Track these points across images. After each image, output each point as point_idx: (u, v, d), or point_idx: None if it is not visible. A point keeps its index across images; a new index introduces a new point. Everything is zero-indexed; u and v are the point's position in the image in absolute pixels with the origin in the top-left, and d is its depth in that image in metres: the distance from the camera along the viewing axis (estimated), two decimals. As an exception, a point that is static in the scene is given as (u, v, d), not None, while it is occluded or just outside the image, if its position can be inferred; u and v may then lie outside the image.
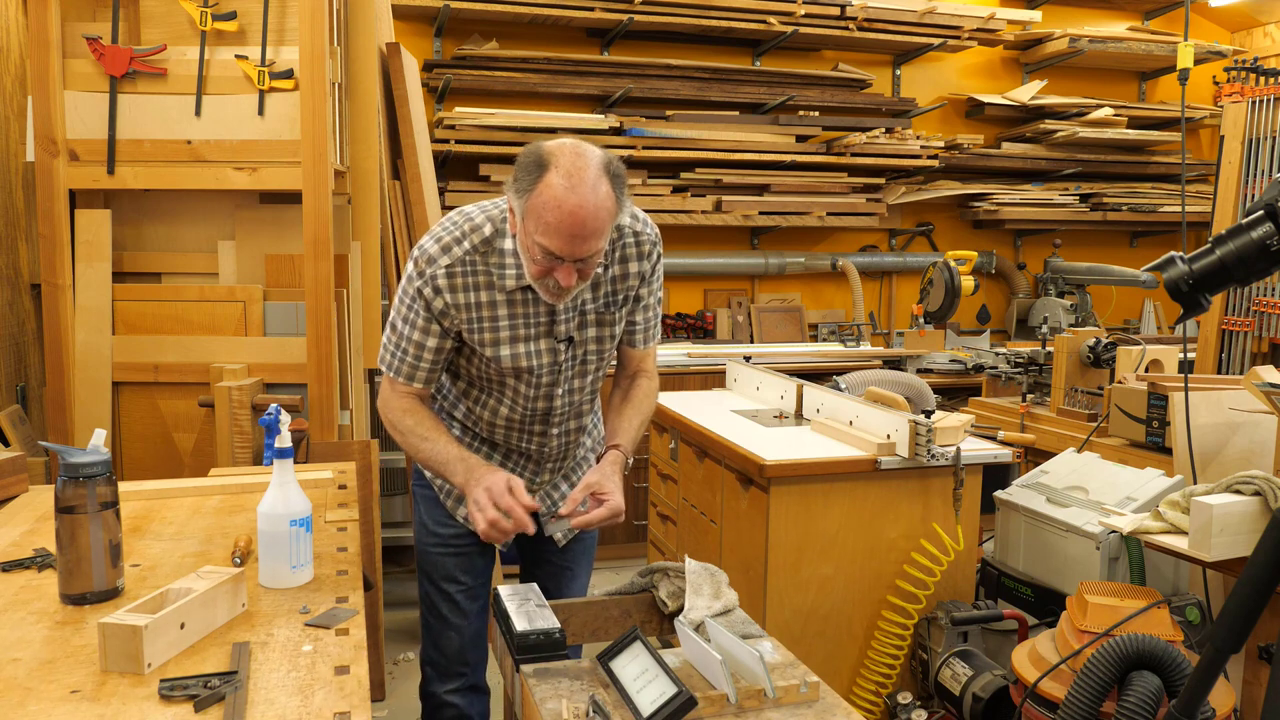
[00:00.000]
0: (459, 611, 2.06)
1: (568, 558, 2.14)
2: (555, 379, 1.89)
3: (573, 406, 1.97)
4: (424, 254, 1.78)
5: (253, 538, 1.71)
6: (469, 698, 2.10)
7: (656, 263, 1.92)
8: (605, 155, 1.68)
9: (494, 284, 1.78)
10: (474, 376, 1.91)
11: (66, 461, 1.46)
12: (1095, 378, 3.12)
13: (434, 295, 1.77)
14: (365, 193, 3.33)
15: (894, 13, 4.99)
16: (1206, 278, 1.59)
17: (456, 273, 1.77)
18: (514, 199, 1.67)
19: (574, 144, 1.66)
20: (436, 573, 2.06)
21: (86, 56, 2.87)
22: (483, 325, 1.81)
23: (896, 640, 2.48)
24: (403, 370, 1.85)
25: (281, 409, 2.03)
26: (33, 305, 3.32)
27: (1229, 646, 1.45)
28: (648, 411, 2.01)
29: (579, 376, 1.93)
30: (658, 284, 1.96)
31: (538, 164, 1.63)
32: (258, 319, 3.01)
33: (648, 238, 1.89)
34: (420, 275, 1.77)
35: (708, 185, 4.96)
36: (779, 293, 5.40)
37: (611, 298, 1.88)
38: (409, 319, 1.81)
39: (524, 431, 1.96)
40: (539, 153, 1.64)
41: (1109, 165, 5.55)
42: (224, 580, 1.43)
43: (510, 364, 1.83)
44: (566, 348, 1.87)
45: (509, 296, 1.79)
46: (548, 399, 1.91)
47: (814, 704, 1.37)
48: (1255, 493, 1.86)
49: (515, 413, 1.92)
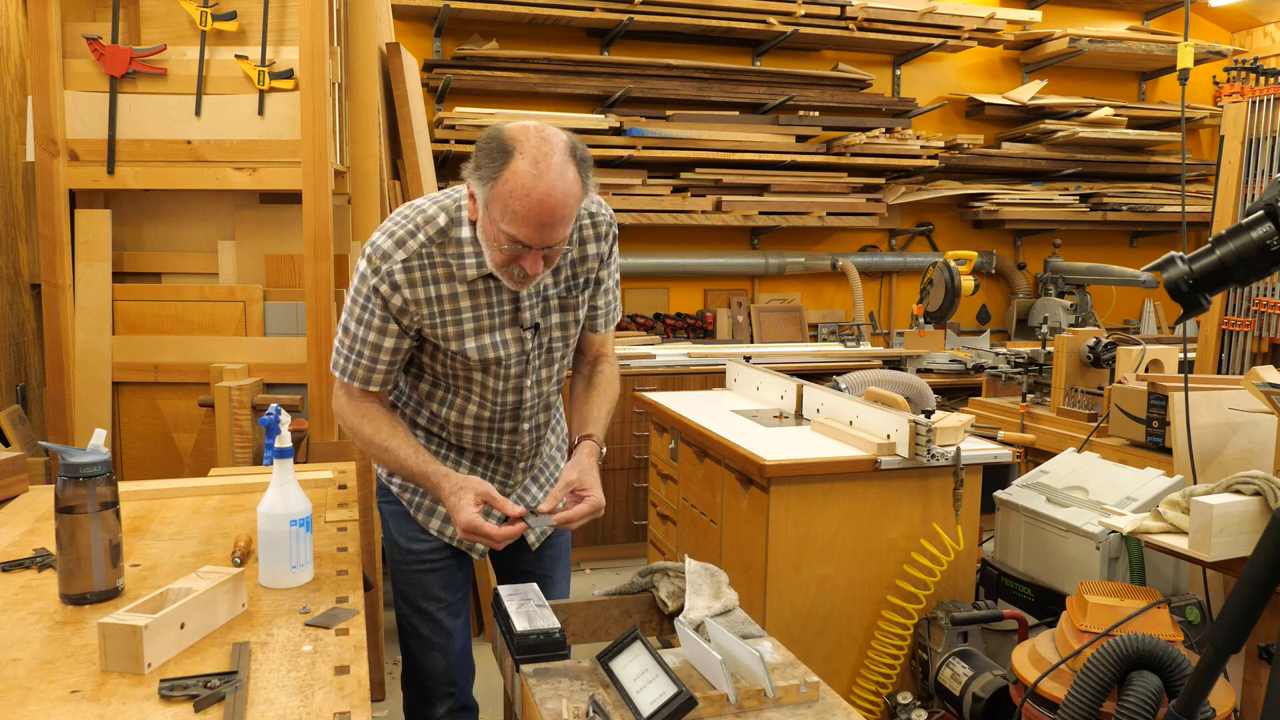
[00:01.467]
0: (441, 630, 1.96)
1: (543, 564, 2.04)
2: (524, 369, 1.83)
3: (541, 398, 1.90)
4: (377, 250, 1.69)
5: (253, 538, 1.71)
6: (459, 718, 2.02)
7: (613, 244, 1.89)
8: (570, 139, 1.61)
9: (454, 275, 1.71)
10: (439, 375, 1.83)
11: (66, 461, 1.46)
12: (1095, 378, 3.12)
13: (391, 292, 1.69)
14: (365, 193, 3.33)
15: (894, 13, 4.99)
16: (1206, 278, 1.59)
17: (414, 266, 1.69)
18: (476, 186, 1.60)
19: (538, 128, 1.59)
20: (414, 591, 1.95)
21: (86, 56, 2.88)
22: (445, 319, 1.73)
23: (896, 640, 2.48)
24: (358, 374, 1.77)
25: (281, 409, 2.03)
26: (33, 305, 3.32)
27: (1229, 646, 1.45)
28: (613, 396, 1.97)
29: (546, 366, 1.87)
30: (615, 266, 1.93)
31: (501, 149, 1.56)
32: (258, 319, 3.01)
33: (604, 219, 1.85)
34: (375, 272, 1.69)
35: (708, 185, 4.96)
36: (779, 293, 5.40)
37: (572, 281, 1.84)
38: (363, 319, 1.73)
39: (494, 430, 1.89)
40: (501, 137, 1.57)
41: (1109, 165, 5.55)
42: (224, 580, 1.43)
43: (477, 356, 1.76)
44: (533, 336, 1.81)
45: (470, 287, 1.73)
46: (518, 391, 1.84)
47: (814, 704, 1.37)
48: (1255, 493, 1.86)
49: (485, 410, 1.85)
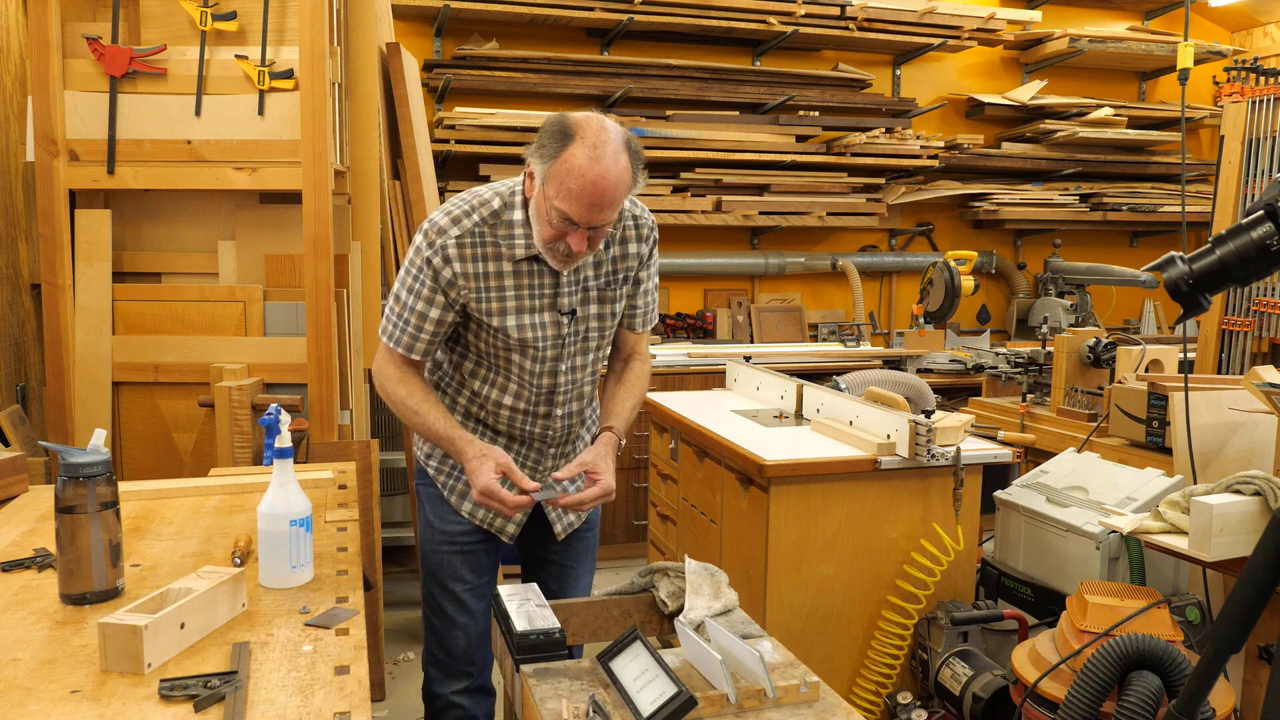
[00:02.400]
0: (465, 610, 2.06)
1: (569, 556, 2.14)
2: (559, 353, 1.94)
3: (575, 385, 2.01)
4: (434, 226, 1.85)
5: (253, 538, 1.71)
6: (475, 699, 2.10)
7: (653, 247, 2.03)
8: (625, 131, 1.78)
9: (501, 254, 1.86)
10: (482, 354, 1.95)
11: (66, 461, 1.46)
12: (1095, 378, 3.12)
13: (443, 265, 1.83)
14: (365, 193, 3.33)
15: (894, 13, 4.99)
16: (1206, 278, 1.59)
17: (466, 243, 1.84)
18: (536, 164, 1.76)
19: (599, 117, 1.76)
20: (443, 571, 2.06)
21: (86, 56, 2.87)
22: (490, 295, 1.86)
23: (896, 640, 2.48)
24: (402, 341, 1.90)
25: (281, 409, 2.03)
26: (33, 305, 3.32)
27: (1229, 646, 1.45)
28: (641, 394, 2.09)
29: (581, 354, 1.99)
30: (655, 269, 2.07)
31: (564, 133, 1.72)
32: (258, 319, 3.01)
33: (646, 223, 2.01)
34: (430, 245, 1.83)
35: (708, 185, 4.96)
36: (779, 293, 5.40)
37: (612, 276, 1.97)
38: (414, 289, 1.86)
39: (529, 414, 1.99)
40: (565, 122, 1.74)
41: (1109, 165, 5.55)
42: (224, 580, 1.43)
43: (516, 335, 1.89)
44: (569, 321, 1.93)
45: (515, 267, 1.86)
46: (552, 375, 1.95)
47: (814, 704, 1.37)
48: (1255, 493, 1.86)
49: (522, 393, 1.96)
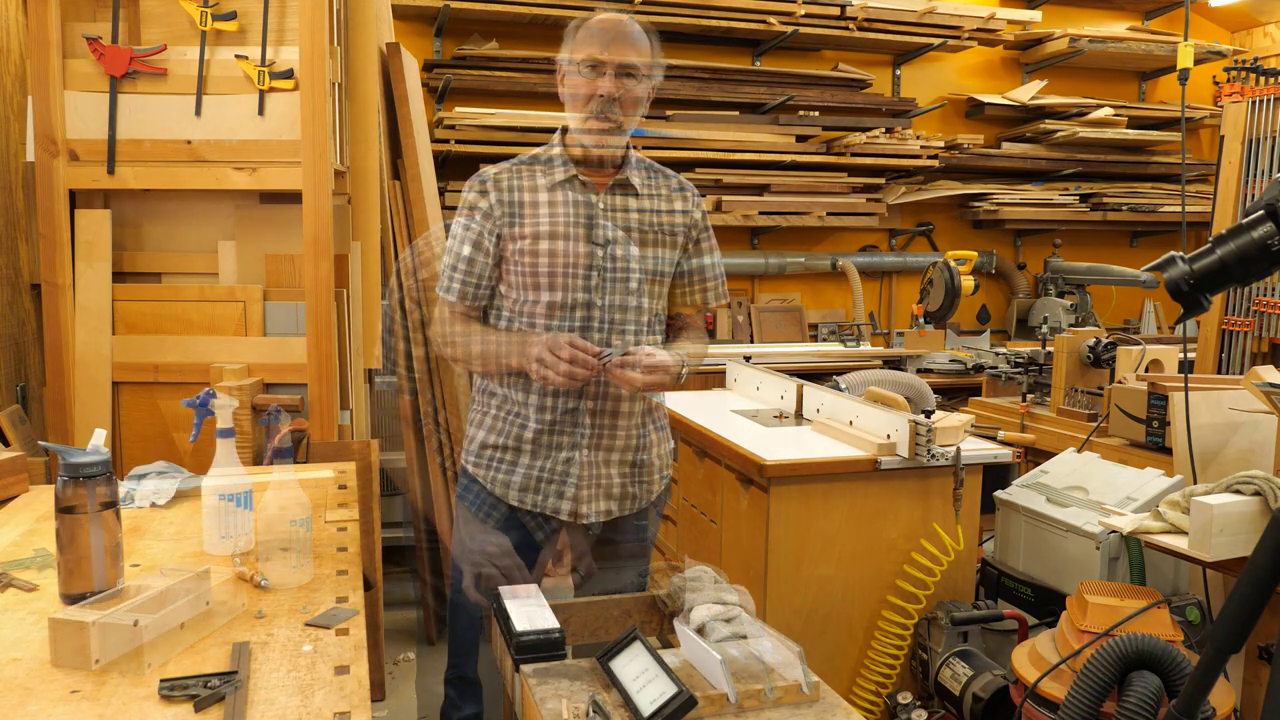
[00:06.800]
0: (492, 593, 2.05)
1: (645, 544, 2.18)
2: (590, 286, 1.96)
3: (612, 326, 1.98)
4: (480, 173, 2.03)
5: (253, 538, 1.71)
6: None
7: (704, 217, 2.11)
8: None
9: (539, 185, 1.99)
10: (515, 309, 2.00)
11: (66, 461, 1.46)
12: (1095, 378, 3.12)
13: (481, 194, 1.99)
14: (365, 193, 3.32)
15: (894, 13, 4.99)
16: (1206, 278, 1.59)
17: (504, 176, 2.00)
18: (562, 55, 1.96)
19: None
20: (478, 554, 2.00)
21: (86, 56, 2.87)
22: (524, 218, 1.97)
23: (896, 640, 2.48)
24: (454, 288, 2.01)
25: (281, 409, 2.03)
26: (33, 305, 3.32)
27: (1229, 646, 1.45)
28: (699, 345, 2.12)
29: (620, 293, 1.99)
30: (714, 244, 2.14)
31: (578, 22, 1.96)
32: (258, 319, 3.01)
33: (693, 193, 2.11)
34: (471, 187, 2.01)
35: (708, 185, 4.95)
36: (779, 293, 5.40)
37: (655, 218, 2.03)
38: (460, 235, 2.01)
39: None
40: (578, 19, 1.97)
41: (1109, 165, 5.55)
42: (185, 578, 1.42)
43: (547, 258, 1.95)
44: (604, 254, 1.97)
45: (551, 195, 1.98)
46: (586, 308, 1.97)
47: (814, 704, 1.37)
48: (1255, 493, 1.86)
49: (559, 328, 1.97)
